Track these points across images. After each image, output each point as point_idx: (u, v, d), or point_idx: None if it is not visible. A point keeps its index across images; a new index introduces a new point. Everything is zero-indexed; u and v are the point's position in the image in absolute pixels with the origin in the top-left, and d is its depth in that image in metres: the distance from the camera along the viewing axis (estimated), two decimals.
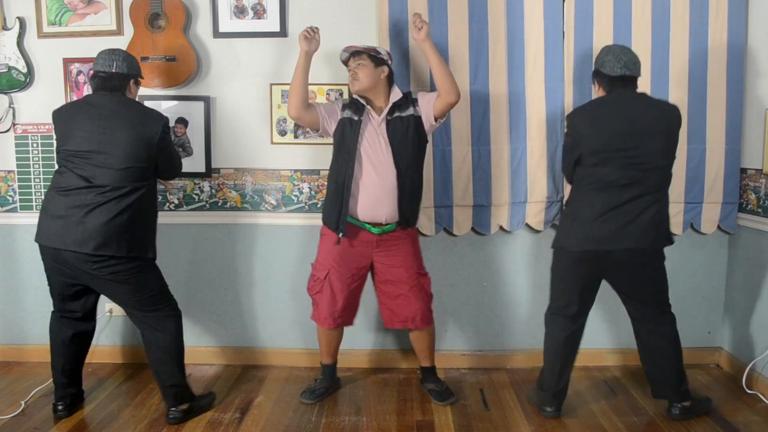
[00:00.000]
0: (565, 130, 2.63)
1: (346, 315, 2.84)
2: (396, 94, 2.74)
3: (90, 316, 2.71)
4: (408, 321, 2.81)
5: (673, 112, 2.53)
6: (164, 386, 2.63)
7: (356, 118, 2.72)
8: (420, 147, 2.75)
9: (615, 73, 2.47)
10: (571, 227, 2.57)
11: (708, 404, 2.74)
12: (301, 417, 2.74)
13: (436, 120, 2.74)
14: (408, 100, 2.75)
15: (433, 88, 3.01)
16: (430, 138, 2.86)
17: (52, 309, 2.67)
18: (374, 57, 2.73)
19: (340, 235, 2.70)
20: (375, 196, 2.68)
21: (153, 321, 2.59)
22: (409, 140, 2.69)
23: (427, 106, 2.72)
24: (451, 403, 2.85)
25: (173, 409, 2.63)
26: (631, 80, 2.51)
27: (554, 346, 2.70)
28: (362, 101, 2.75)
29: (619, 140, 2.44)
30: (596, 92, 2.61)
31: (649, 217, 2.47)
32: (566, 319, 2.67)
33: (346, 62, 2.78)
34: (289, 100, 2.72)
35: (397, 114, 2.71)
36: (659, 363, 2.65)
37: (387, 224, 2.73)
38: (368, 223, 2.72)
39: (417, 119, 2.72)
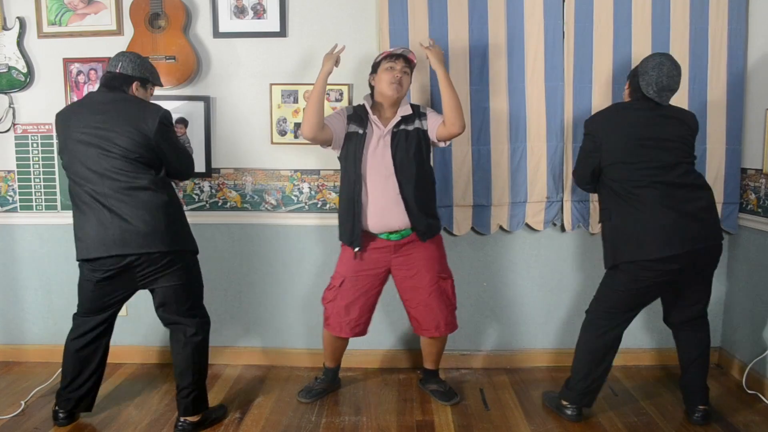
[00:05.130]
0: (584, 134, 2.61)
1: (362, 324, 2.81)
2: (405, 109, 2.71)
3: (113, 323, 2.64)
4: (432, 329, 2.78)
5: (689, 119, 2.54)
6: (182, 391, 2.55)
7: (360, 131, 2.68)
8: (423, 160, 2.71)
9: (648, 94, 2.47)
10: (633, 239, 2.46)
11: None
12: (301, 417, 2.74)
13: (438, 141, 2.73)
14: (415, 113, 2.72)
15: (434, 90, 3.02)
16: (431, 152, 2.86)
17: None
18: (412, 69, 2.73)
19: (356, 249, 2.69)
20: (382, 206, 2.65)
21: (189, 323, 2.55)
22: (411, 155, 2.65)
23: (432, 126, 2.70)
24: (455, 403, 2.85)
25: (183, 419, 2.56)
26: (657, 103, 2.51)
27: (593, 347, 2.62)
28: (367, 111, 2.71)
29: (640, 146, 2.43)
30: (626, 90, 2.62)
31: (707, 212, 2.48)
32: (612, 325, 2.60)
33: (390, 57, 2.67)
34: (306, 120, 2.60)
35: (402, 127, 2.68)
36: (692, 370, 2.64)
37: (402, 230, 2.70)
38: (383, 233, 2.70)
39: (422, 132, 2.70)
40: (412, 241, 2.72)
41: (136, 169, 2.38)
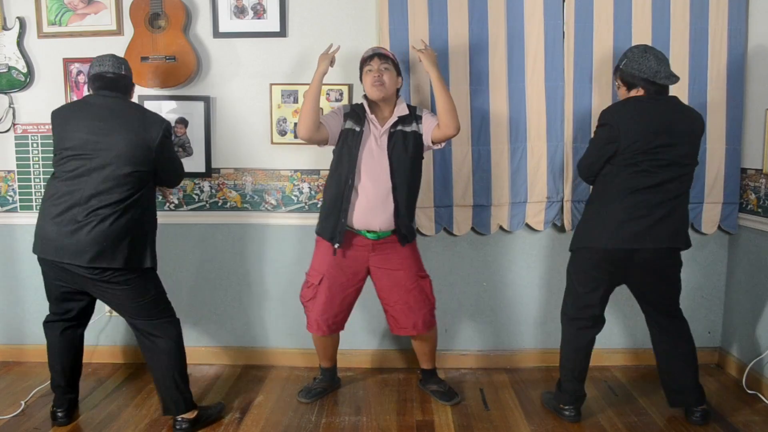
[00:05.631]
0: (598, 125, 2.56)
1: (339, 321, 2.81)
2: (402, 108, 2.69)
3: (85, 318, 2.65)
4: (410, 328, 2.78)
5: (698, 120, 2.55)
6: (164, 395, 2.55)
7: (357, 129, 2.67)
8: (418, 164, 2.71)
9: (670, 81, 2.48)
10: (599, 227, 2.51)
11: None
12: (301, 417, 2.74)
13: (433, 143, 2.71)
14: (412, 115, 2.71)
15: (431, 91, 3.02)
16: (427, 156, 2.86)
17: (47, 313, 2.62)
18: (396, 65, 2.71)
19: (336, 246, 2.68)
20: (370, 205, 2.64)
21: (152, 328, 2.53)
22: (408, 156, 2.65)
23: (427, 129, 2.69)
24: (456, 403, 2.85)
25: (180, 419, 2.55)
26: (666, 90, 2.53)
27: (576, 348, 2.65)
28: (365, 109, 2.70)
29: (655, 139, 2.43)
30: (623, 92, 2.55)
31: (678, 217, 2.50)
32: (588, 322, 2.64)
33: (366, 61, 2.69)
34: (302, 121, 2.61)
35: (400, 128, 2.67)
36: (676, 369, 2.64)
37: (381, 232, 2.70)
38: (363, 230, 2.70)
39: (419, 136, 2.69)
40: (390, 242, 2.72)
41: (116, 183, 2.35)
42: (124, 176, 2.37)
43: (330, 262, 2.73)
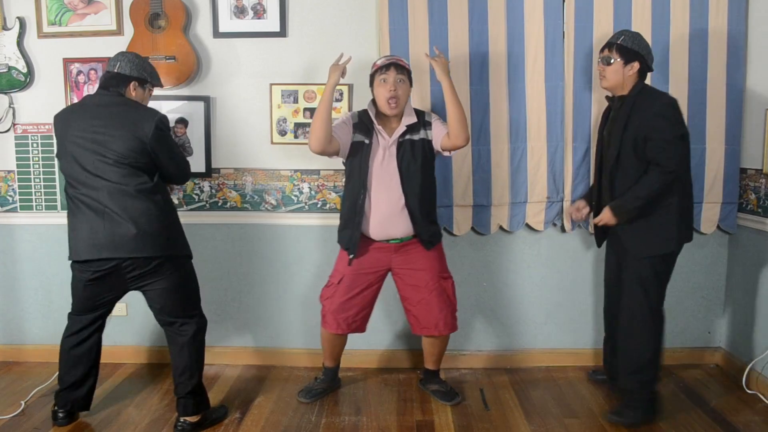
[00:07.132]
0: (668, 117, 2.49)
1: (359, 321, 2.81)
2: (410, 117, 2.68)
3: (104, 321, 2.64)
4: (431, 327, 2.77)
5: None
6: (182, 394, 2.55)
7: (366, 141, 2.66)
8: (428, 170, 2.71)
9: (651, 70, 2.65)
10: (679, 225, 2.56)
11: None
12: (301, 417, 2.74)
13: (442, 151, 2.70)
14: (421, 122, 2.70)
15: (433, 98, 3.02)
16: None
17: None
18: (410, 75, 2.69)
19: (351, 256, 2.69)
20: (385, 216, 2.65)
21: (185, 325, 2.55)
22: (417, 164, 2.65)
23: (436, 137, 2.68)
24: (457, 403, 2.85)
25: (183, 419, 2.56)
26: None
27: (659, 339, 2.64)
28: (372, 120, 2.67)
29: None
30: (627, 73, 2.54)
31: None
32: (661, 307, 2.66)
33: (381, 69, 2.62)
34: (314, 134, 2.56)
35: (408, 137, 2.66)
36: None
37: (405, 237, 2.70)
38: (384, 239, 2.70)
39: (428, 143, 2.69)
40: (413, 244, 2.72)
41: (130, 174, 2.39)
42: (133, 167, 2.39)
43: (353, 263, 2.73)
